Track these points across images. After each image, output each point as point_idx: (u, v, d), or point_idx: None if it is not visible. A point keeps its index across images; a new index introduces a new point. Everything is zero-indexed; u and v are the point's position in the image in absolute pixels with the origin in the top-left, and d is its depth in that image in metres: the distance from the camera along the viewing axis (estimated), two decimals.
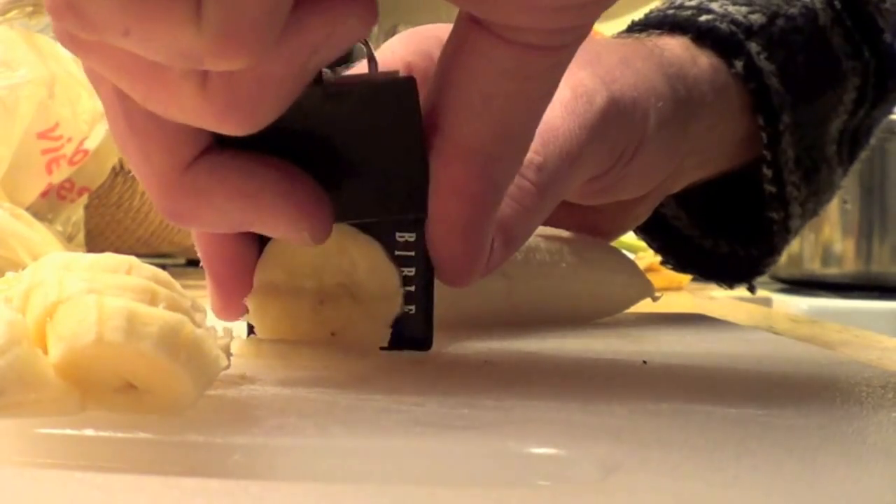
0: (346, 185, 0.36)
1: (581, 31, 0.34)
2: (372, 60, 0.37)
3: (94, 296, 0.26)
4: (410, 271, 0.38)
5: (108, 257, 0.29)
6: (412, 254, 0.38)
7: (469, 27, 0.33)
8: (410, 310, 0.39)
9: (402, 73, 0.37)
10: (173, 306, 0.28)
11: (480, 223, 0.36)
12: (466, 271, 0.38)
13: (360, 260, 0.39)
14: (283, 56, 0.29)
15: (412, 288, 0.39)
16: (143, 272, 0.29)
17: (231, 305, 0.39)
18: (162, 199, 0.33)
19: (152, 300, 0.27)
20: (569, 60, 0.34)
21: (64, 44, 0.29)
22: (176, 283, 0.29)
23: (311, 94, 0.32)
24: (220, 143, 0.33)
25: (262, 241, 0.39)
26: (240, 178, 0.33)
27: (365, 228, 0.38)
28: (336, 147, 0.35)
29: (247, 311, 0.39)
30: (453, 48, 0.34)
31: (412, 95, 0.35)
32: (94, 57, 0.29)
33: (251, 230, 0.35)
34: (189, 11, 0.26)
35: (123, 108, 0.32)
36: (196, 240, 0.38)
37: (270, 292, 0.38)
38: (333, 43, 0.30)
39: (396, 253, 0.38)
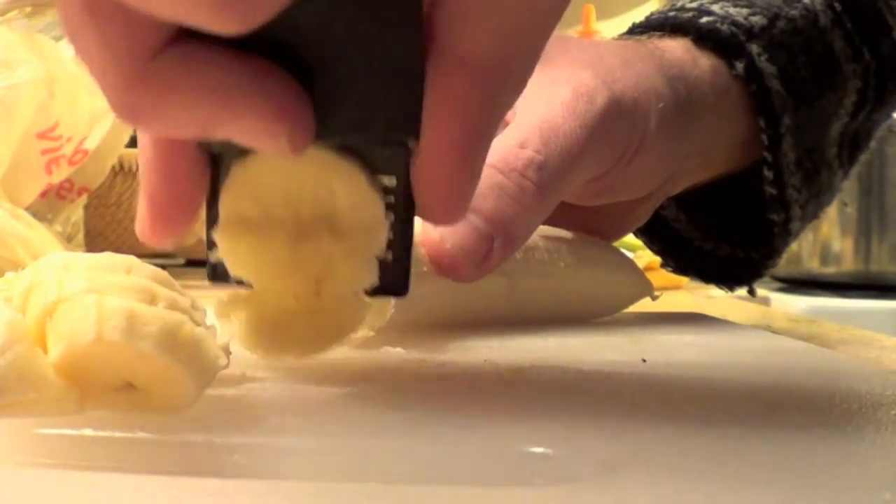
0: (333, 98, 0.32)
1: None
2: None
3: (94, 295, 0.26)
4: (389, 215, 0.35)
5: (108, 257, 0.29)
6: (391, 199, 0.35)
7: None
8: (388, 256, 0.35)
9: None
10: (173, 306, 0.28)
11: (476, 151, 0.33)
12: (454, 205, 0.34)
13: (339, 188, 0.35)
14: None
15: (391, 235, 0.35)
16: (142, 272, 0.29)
17: (159, 227, 0.33)
18: (120, 92, 0.29)
19: (152, 300, 0.28)
20: None
21: None
22: (175, 283, 0.30)
23: None
24: (191, 35, 0.29)
25: (213, 175, 0.35)
26: (213, 71, 0.29)
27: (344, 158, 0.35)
28: (326, 54, 0.31)
29: (175, 237, 0.34)
30: None
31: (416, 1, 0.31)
32: None
33: (218, 133, 0.30)
34: None
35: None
36: (140, 148, 0.34)
37: (241, 225, 0.35)
38: None
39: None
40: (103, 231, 1.05)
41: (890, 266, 1.74)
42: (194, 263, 1.23)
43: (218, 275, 0.35)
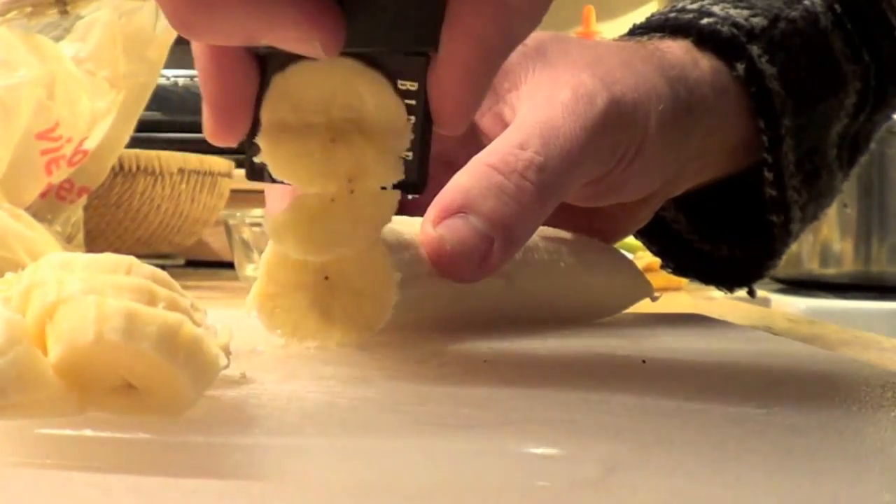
0: (360, 11, 0.36)
1: None
2: None
3: (94, 296, 0.26)
4: (410, 118, 0.39)
5: (108, 257, 0.29)
6: (413, 102, 0.39)
7: None
8: (408, 156, 0.39)
9: None
10: (172, 306, 0.28)
11: (485, 69, 0.37)
12: (460, 115, 0.38)
13: (367, 94, 0.39)
14: None
15: (411, 136, 0.39)
16: (142, 272, 0.29)
17: (221, 128, 0.38)
18: (177, 8, 0.33)
19: (151, 300, 0.28)
20: None
21: None
22: (175, 283, 0.30)
23: None
24: None
25: (263, 80, 0.39)
26: None
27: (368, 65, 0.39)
28: None
29: (236, 136, 0.39)
30: None
31: None
32: None
33: (261, 41, 0.35)
34: None
35: None
36: (197, 60, 0.38)
37: (281, 130, 0.39)
38: None
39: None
40: (103, 231, 1.05)
41: (890, 267, 1.74)
42: (194, 264, 1.23)
43: (255, 173, 0.40)
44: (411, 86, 0.38)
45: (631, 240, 0.70)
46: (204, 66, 0.38)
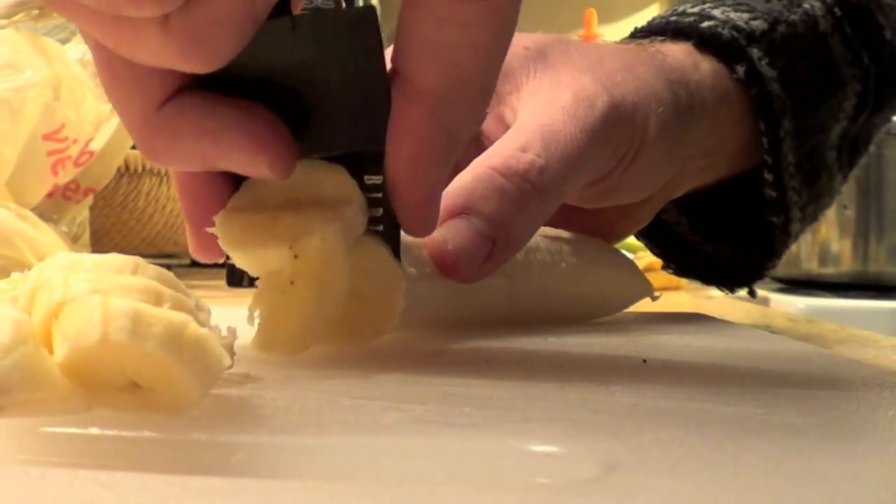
0: (315, 118, 0.37)
1: None
2: None
3: (100, 296, 0.27)
4: (378, 212, 0.40)
5: (114, 258, 0.29)
6: (379, 195, 0.39)
7: None
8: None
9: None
10: (178, 306, 0.28)
11: (431, 165, 0.37)
12: (419, 214, 0.39)
13: (324, 179, 0.39)
14: None
15: (380, 227, 0.40)
16: (148, 272, 0.29)
17: (202, 243, 0.40)
18: (139, 138, 0.36)
19: (157, 300, 0.28)
20: (508, 7, 0.35)
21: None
22: (180, 283, 0.30)
23: (278, 26, 0.34)
24: (195, 85, 0.35)
25: (236, 186, 0.40)
26: (203, 117, 0.35)
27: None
28: (304, 80, 0.37)
29: (221, 254, 0.39)
30: None
31: (373, 25, 0.36)
32: (67, 11, 0.31)
33: (218, 166, 0.37)
34: None
35: (104, 57, 0.34)
36: (174, 179, 0.40)
37: (238, 210, 0.39)
38: None
39: (367, 195, 0.39)
40: (109, 232, 1.05)
41: (888, 266, 1.74)
42: (199, 264, 1.23)
43: (235, 280, 0.41)
44: (377, 180, 0.39)
45: (632, 240, 0.71)
46: (180, 187, 0.40)
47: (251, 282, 0.40)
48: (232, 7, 0.31)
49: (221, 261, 0.40)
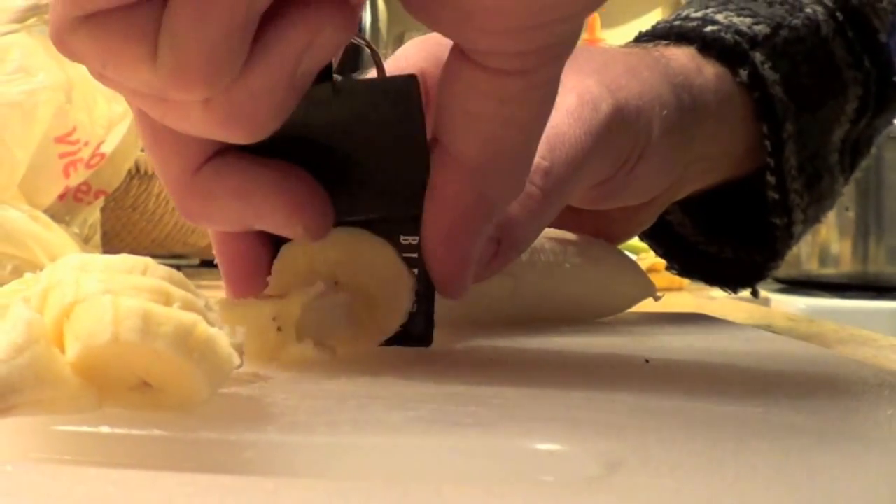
0: (354, 182, 0.38)
1: (553, 52, 0.35)
2: (378, 65, 0.38)
3: (110, 296, 0.27)
4: (414, 271, 0.40)
5: (124, 259, 0.30)
6: (415, 255, 0.39)
7: (453, 50, 0.35)
8: (413, 308, 0.40)
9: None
10: (187, 306, 0.28)
11: (467, 234, 0.38)
12: (454, 280, 0.39)
13: (371, 264, 0.40)
14: (269, 69, 0.31)
15: (416, 286, 0.40)
16: (158, 273, 0.29)
17: (243, 296, 0.40)
18: (178, 199, 0.36)
19: (167, 300, 0.28)
20: (549, 83, 0.36)
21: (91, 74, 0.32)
22: (190, 284, 0.30)
23: (320, 92, 0.34)
24: (234, 147, 0.35)
25: (276, 246, 0.40)
26: (239, 179, 0.35)
27: (372, 230, 0.40)
28: (344, 145, 0.37)
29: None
30: (444, 69, 0.36)
31: (414, 93, 0.37)
32: (113, 86, 0.32)
33: (254, 227, 0.37)
34: (145, 52, 0.29)
35: (146, 122, 0.35)
36: (212, 239, 0.41)
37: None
38: (315, 53, 0.32)
39: (403, 255, 0.40)
40: (119, 233, 1.05)
41: (887, 267, 1.74)
42: (209, 264, 1.23)
43: None
44: (413, 240, 0.39)
45: (635, 241, 0.71)
46: (218, 246, 0.41)
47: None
48: (273, 83, 0.32)
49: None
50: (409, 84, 0.37)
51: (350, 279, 0.40)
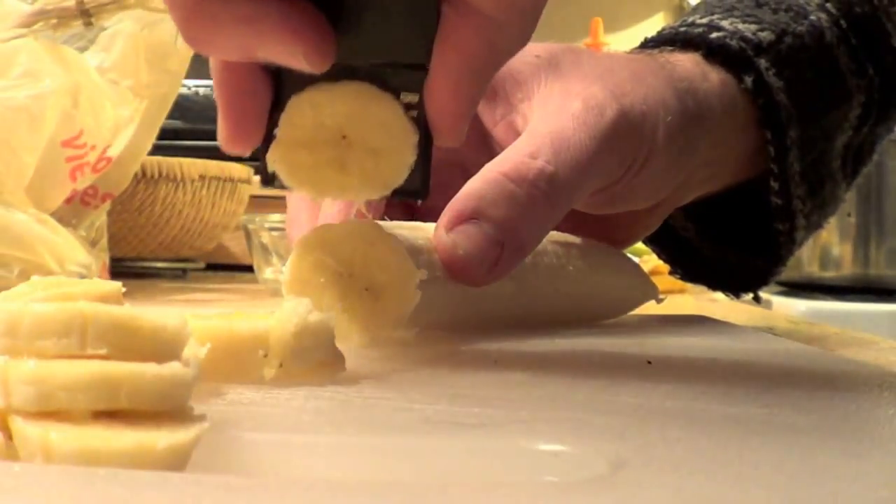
0: (362, 24, 0.38)
1: None
2: None
3: None
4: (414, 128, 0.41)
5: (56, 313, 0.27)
6: (415, 113, 0.40)
7: None
8: (412, 164, 0.41)
9: None
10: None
11: (471, 80, 0.39)
12: (454, 125, 0.40)
13: (378, 118, 0.40)
14: None
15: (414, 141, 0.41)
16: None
17: (234, 136, 0.40)
18: (182, 24, 0.36)
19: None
20: None
21: None
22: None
23: None
24: None
25: (279, 96, 0.41)
26: (244, 4, 0.35)
27: (375, 85, 0.40)
28: None
29: (248, 146, 0.40)
30: None
31: None
32: None
33: (256, 56, 0.37)
34: None
35: None
36: (213, 71, 0.40)
37: (294, 144, 0.40)
38: None
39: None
40: (126, 236, 1.05)
41: (887, 270, 1.74)
42: (214, 267, 1.23)
43: (270, 180, 0.41)
44: (412, 98, 0.40)
45: (637, 244, 0.71)
46: (218, 77, 0.40)
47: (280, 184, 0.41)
48: None
49: (248, 154, 0.41)
50: None
51: (356, 132, 0.40)
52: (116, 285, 0.35)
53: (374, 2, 0.38)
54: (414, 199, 0.42)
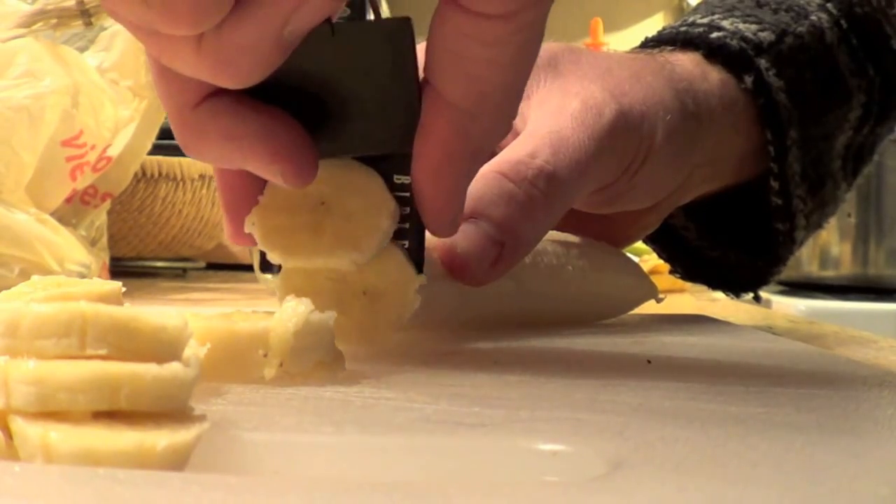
0: (349, 120, 0.39)
1: None
2: (374, 8, 0.40)
3: None
4: (406, 210, 0.41)
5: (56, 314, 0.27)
6: (408, 194, 0.40)
7: None
8: (405, 244, 0.42)
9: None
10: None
11: (454, 173, 0.39)
12: (441, 217, 0.40)
13: (358, 187, 0.41)
14: (255, 25, 0.33)
15: (407, 225, 0.42)
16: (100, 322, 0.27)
17: (237, 230, 0.42)
18: (176, 132, 0.38)
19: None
20: (532, 26, 0.36)
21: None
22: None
23: (318, 32, 0.35)
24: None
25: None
26: (230, 121, 0.37)
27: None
28: (340, 83, 0.38)
29: (256, 242, 0.41)
30: (435, 12, 0.36)
31: (407, 34, 0.37)
32: (116, 18, 0.33)
33: (242, 168, 0.39)
34: None
35: (152, 55, 0.36)
36: (214, 172, 0.42)
37: (271, 210, 0.41)
38: (303, 16, 0.33)
39: (395, 194, 0.41)
40: (126, 235, 1.05)
41: (887, 270, 1.74)
42: (215, 267, 1.23)
43: (267, 266, 0.43)
44: (406, 180, 0.40)
45: (638, 244, 0.71)
46: (219, 179, 0.42)
47: (280, 269, 0.43)
48: (259, 37, 0.33)
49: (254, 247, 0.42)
50: (402, 26, 0.38)
51: (335, 198, 0.41)
52: (116, 285, 0.35)
53: (359, 99, 0.39)
54: None
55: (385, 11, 0.39)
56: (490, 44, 0.36)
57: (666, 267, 0.72)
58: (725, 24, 0.62)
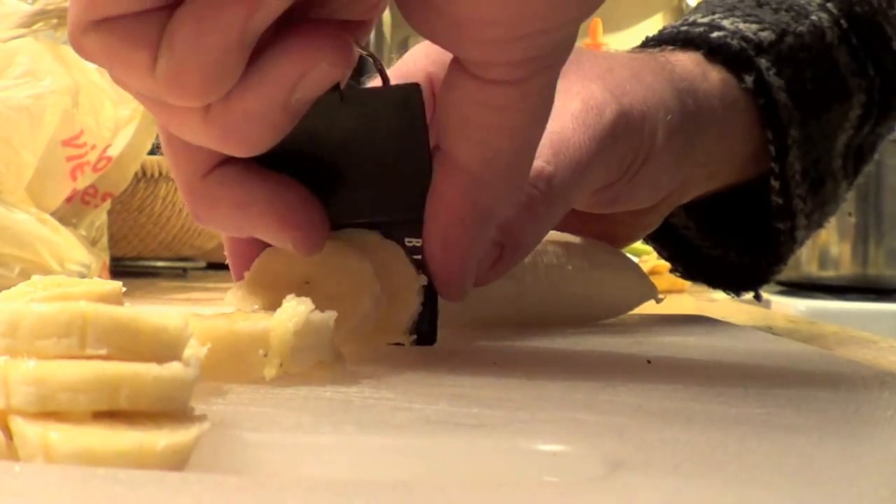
0: (360, 186, 0.39)
1: (544, 62, 0.36)
2: (382, 74, 0.39)
3: None
4: (421, 276, 0.41)
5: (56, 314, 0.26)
6: (420, 257, 0.40)
7: (452, 60, 0.36)
8: (419, 308, 0.41)
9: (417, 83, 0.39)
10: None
11: (465, 239, 0.39)
12: (454, 282, 0.40)
13: (343, 273, 0.40)
14: (263, 93, 0.33)
15: (421, 285, 0.41)
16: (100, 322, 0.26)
17: None
18: (186, 200, 0.38)
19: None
20: (542, 92, 0.36)
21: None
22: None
23: (327, 99, 0.35)
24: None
25: None
26: (240, 191, 0.37)
27: (380, 232, 0.41)
28: (350, 150, 0.38)
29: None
30: (444, 78, 0.37)
31: (417, 100, 0.38)
32: (126, 89, 0.34)
33: (252, 235, 0.39)
34: (146, 58, 0.31)
35: (161, 124, 0.37)
36: (223, 238, 0.43)
37: (254, 285, 0.41)
38: (309, 84, 0.33)
39: (408, 257, 0.41)
40: (126, 235, 1.05)
41: (886, 270, 1.74)
42: (215, 266, 1.23)
43: None
44: (417, 242, 0.40)
45: (637, 243, 0.71)
46: (228, 245, 0.43)
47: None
48: (267, 105, 0.33)
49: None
50: (412, 92, 0.38)
51: (319, 278, 0.41)
52: (116, 285, 0.35)
53: (370, 165, 0.39)
54: (422, 343, 0.42)
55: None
56: (500, 110, 0.36)
57: (666, 267, 0.72)
58: (726, 23, 0.62)
